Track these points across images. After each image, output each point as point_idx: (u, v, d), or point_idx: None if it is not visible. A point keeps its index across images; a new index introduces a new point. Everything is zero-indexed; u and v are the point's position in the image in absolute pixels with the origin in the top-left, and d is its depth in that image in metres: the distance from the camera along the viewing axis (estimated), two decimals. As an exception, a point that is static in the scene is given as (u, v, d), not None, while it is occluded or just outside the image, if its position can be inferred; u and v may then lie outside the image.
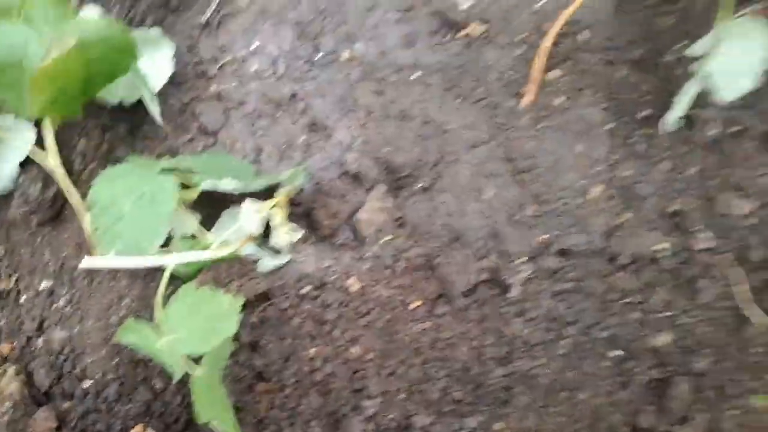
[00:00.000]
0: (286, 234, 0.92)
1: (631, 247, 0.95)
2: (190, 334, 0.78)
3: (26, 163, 1.05)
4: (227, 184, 0.87)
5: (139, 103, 1.02)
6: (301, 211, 1.04)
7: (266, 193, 0.97)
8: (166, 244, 0.94)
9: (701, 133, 1.02)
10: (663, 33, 1.07)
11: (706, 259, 0.96)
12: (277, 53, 1.10)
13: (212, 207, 0.99)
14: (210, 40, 1.10)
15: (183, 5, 1.11)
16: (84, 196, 0.90)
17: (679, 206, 0.98)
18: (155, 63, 0.97)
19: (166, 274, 0.85)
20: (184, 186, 0.92)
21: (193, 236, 0.95)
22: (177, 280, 0.94)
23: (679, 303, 0.94)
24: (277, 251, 0.98)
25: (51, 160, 0.96)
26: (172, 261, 0.88)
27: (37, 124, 0.99)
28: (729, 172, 1.00)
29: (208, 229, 0.98)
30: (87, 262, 0.87)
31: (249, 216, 0.88)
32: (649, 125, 1.02)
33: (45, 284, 1.06)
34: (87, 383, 1.01)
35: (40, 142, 0.99)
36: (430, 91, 1.06)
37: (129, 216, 0.81)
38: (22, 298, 1.09)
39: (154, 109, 0.97)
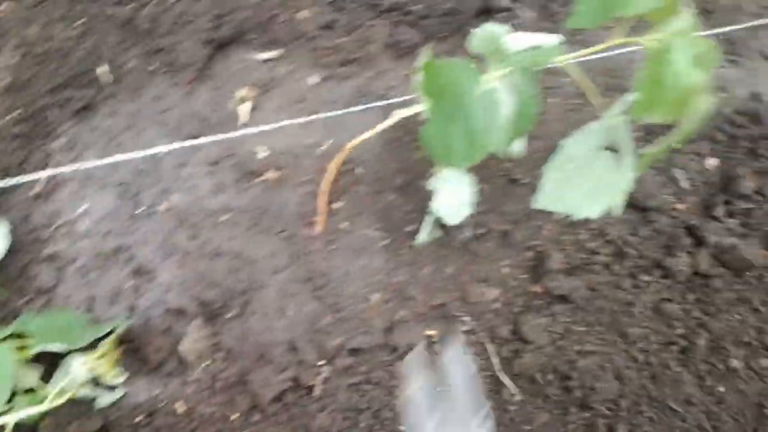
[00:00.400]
0: (113, 377, 1.11)
1: (406, 338, 1.22)
2: None
3: None
4: (55, 347, 1.06)
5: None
6: (132, 347, 1.22)
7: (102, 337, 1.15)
8: (11, 398, 1.10)
9: (455, 238, 1.33)
10: (417, 163, 1.40)
11: (466, 339, 1.24)
12: (103, 213, 1.31)
13: (54, 356, 1.16)
14: (42, 209, 1.30)
15: (13, 186, 1.31)
16: None
17: (441, 300, 1.27)
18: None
19: (8, 430, 1.01)
20: (23, 347, 1.09)
21: (32, 389, 1.11)
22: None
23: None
24: (111, 388, 1.15)
25: None
26: (11, 419, 1.03)
27: None
28: (477, 267, 1.31)
29: (50, 378, 1.14)
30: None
31: (78, 368, 1.07)
32: (414, 238, 1.33)
33: None
34: None
35: None
36: (237, 230, 1.31)
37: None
38: None
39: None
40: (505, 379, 1.21)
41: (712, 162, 1.44)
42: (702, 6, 1.68)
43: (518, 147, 1.21)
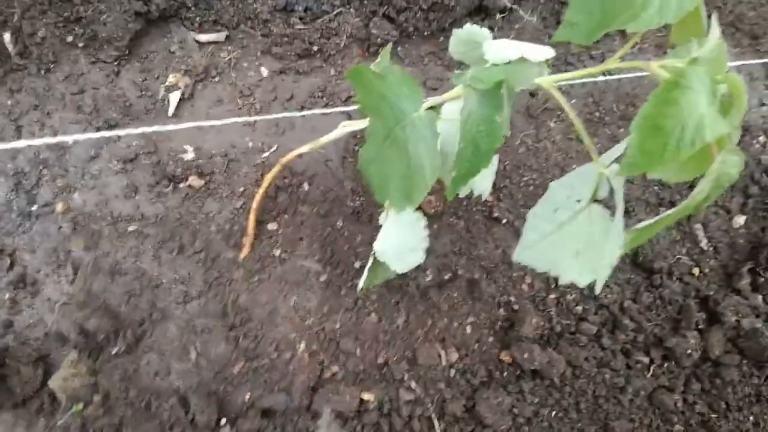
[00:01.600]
0: None
1: (333, 402, 1.03)
2: None
3: None
4: None
5: None
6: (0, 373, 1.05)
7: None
8: None
9: (414, 281, 1.14)
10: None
11: (409, 410, 1.06)
12: (-12, 205, 1.14)
13: None
14: None
15: None
16: None
17: (384, 357, 1.08)
18: None
19: None
20: None
21: None
22: None
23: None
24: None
25: None
26: None
27: None
28: (434, 322, 1.12)
29: None
30: None
31: None
32: (361, 276, 1.14)
33: None
34: None
35: None
36: (145, 244, 1.13)
37: None
38: None
39: None
40: (450, 469, 1.02)
41: (740, 220, 1.24)
42: (749, 29, 1.48)
43: (483, 185, 1.02)
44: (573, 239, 0.89)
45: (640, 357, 1.13)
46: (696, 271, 1.24)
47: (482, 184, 1.01)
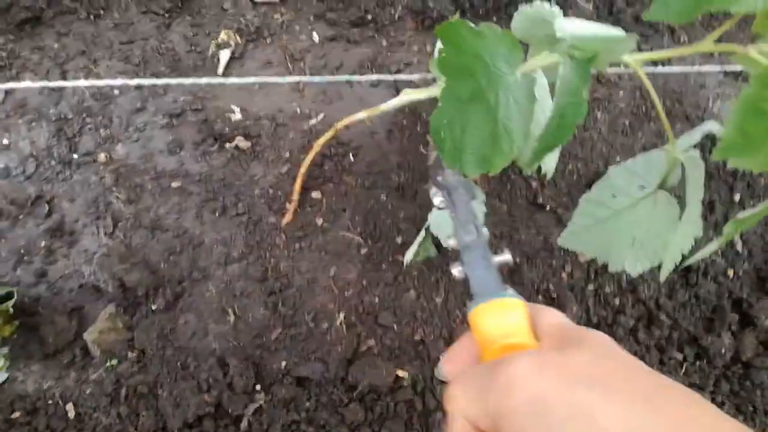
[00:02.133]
0: None
1: (369, 376, 1.03)
2: None
3: None
4: None
5: None
6: (29, 323, 1.04)
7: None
8: None
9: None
10: (424, 161, 1.20)
11: (443, 390, 1.05)
12: (30, 150, 1.12)
13: None
14: (-48, 132, 1.11)
15: None
16: None
17: (421, 335, 1.08)
18: None
19: None
20: None
21: None
22: None
23: (413, 435, 1.02)
24: (-7, 369, 0.97)
25: None
26: None
27: None
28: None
29: None
30: None
31: None
32: (403, 252, 1.13)
33: None
34: None
35: None
36: (188, 202, 1.12)
37: None
38: None
39: None
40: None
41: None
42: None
43: (550, 164, 1.02)
44: (631, 226, 0.89)
45: (674, 354, 1.14)
46: (730, 273, 1.24)
47: (550, 161, 1.01)
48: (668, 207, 0.83)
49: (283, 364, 1.04)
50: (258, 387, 1.02)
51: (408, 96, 1.02)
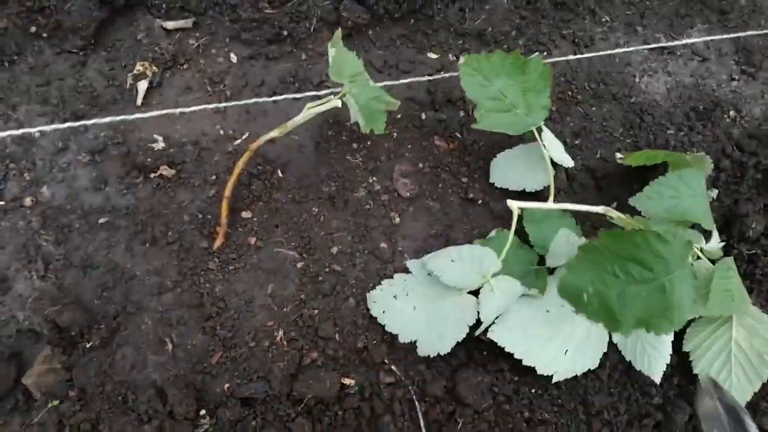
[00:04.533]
0: None
1: (313, 389, 1.05)
2: None
3: None
4: None
5: None
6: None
7: None
8: None
9: (394, 264, 1.17)
10: (353, 170, 1.23)
11: (391, 393, 1.08)
12: (-46, 201, 1.14)
13: None
14: None
15: None
16: None
17: (364, 342, 1.10)
18: None
19: None
20: None
21: None
22: None
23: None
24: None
25: None
26: None
27: None
28: (412, 303, 1.14)
29: None
30: None
31: None
32: (338, 261, 1.16)
33: None
34: None
35: None
36: (117, 236, 1.14)
37: None
38: None
39: None
40: (433, 449, 1.05)
41: (712, 194, 1.28)
42: (717, 5, 1.53)
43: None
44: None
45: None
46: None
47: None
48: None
49: (226, 386, 1.06)
50: (202, 412, 1.04)
51: (312, 110, 1.06)
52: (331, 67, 1.03)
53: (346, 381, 1.09)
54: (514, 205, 1.06)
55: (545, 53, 1.42)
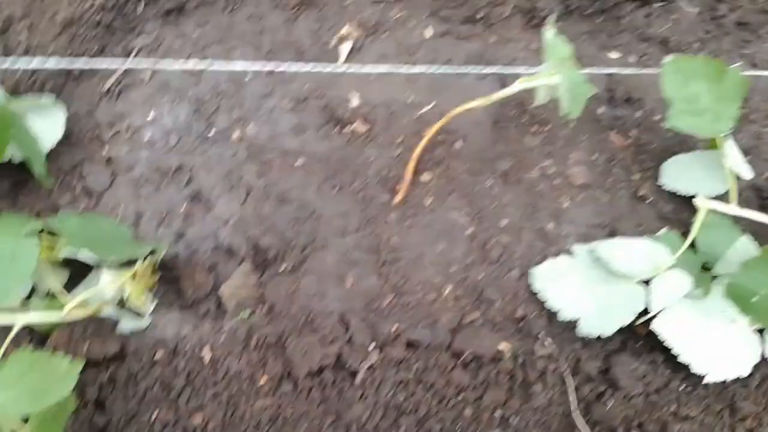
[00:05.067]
0: (140, 303, 1.07)
1: (473, 346, 1.13)
2: (22, 395, 0.89)
3: None
4: (87, 256, 1.02)
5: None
6: (171, 276, 1.19)
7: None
8: (29, 297, 1.08)
9: (556, 246, 1.23)
10: (529, 151, 1.30)
11: (543, 364, 1.14)
12: (172, 126, 1.29)
13: (84, 267, 1.13)
14: (108, 107, 1.29)
15: (85, 74, 1.30)
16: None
17: (524, 312, 1.17)
18: (47, 125, 1.15)
19: (12, 334, 0.98)
20: (52, 247, 1.07)
21: (53, 296, 1.09)
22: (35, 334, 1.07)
23: (513, 404, 1.11)
24: (137, 314, 1.12)
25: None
26: (23, 320, 1.01)
27: None
28: (572, 284, 1.20)
29: (74, 288, 1.12)
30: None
31: (106, 284, 1.03)
32: (506, 234, 1.23)
33: None
34: None
35: None
36: (310, 178, 1.25)
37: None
38: None
39: (37, 167, 1.14)
40: (580, 423, 1.10)
41: None
42: None
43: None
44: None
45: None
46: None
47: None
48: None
49: (395, 327, 1.15)
50: (372, 345, 1.13)
51: (522, 84, 1.13)
52: (546, 48, 1.11)
53: (502, 345, 1.16)
54: (703, 204, 1.10)
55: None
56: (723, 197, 1.18)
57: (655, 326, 1.12)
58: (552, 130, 1.34)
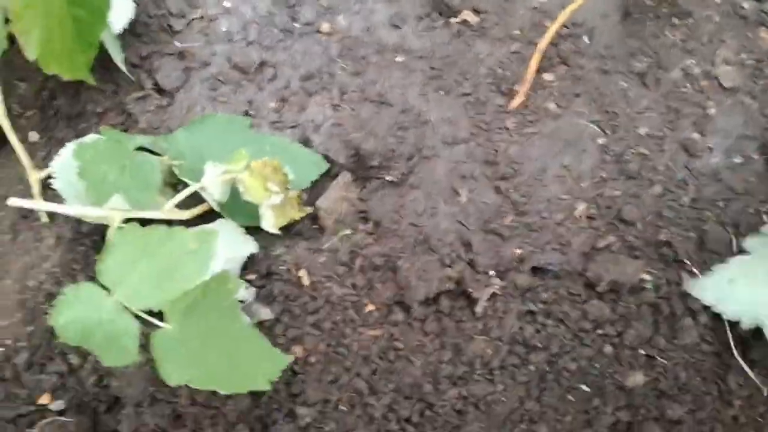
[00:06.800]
0: (259, 193, 0.88)
1: (611, 273, 0.95)
2: (144, 283, 0.73)
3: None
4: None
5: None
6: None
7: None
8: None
9: (701, 160, 1.04)
10: (668, 48, 1.09)
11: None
12: (251, 16, 1.10)
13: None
14: (180, -7, 1.10)
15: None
16: (23, 140, 0.92)
17: (668, 236, 0.99)
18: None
19: (112, 230, 0.84)
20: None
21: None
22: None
23: (659, 342, 0.94)
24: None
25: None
26: (118, 216, 0.85)
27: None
28: (725, 204, 1.01)
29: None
30: (15, 202, 0.87)
31: (211, 179, 0.86)
32: (646, 144, 1.04)
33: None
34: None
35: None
36: (412, 78, 1.06)
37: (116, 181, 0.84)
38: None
39: (117, 55, 0.97)
40: (735, 363, 0.93)
41: None
42: None
43: None
44: None
45: None
46: None
47: None
48: None
49: (518, 251, 0.98)
50: (492, 272, 0.96)
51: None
52: None
53: (642, 275, 0.98)
54: None
55: None
56: None
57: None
58: (695, 24, 1.12)
